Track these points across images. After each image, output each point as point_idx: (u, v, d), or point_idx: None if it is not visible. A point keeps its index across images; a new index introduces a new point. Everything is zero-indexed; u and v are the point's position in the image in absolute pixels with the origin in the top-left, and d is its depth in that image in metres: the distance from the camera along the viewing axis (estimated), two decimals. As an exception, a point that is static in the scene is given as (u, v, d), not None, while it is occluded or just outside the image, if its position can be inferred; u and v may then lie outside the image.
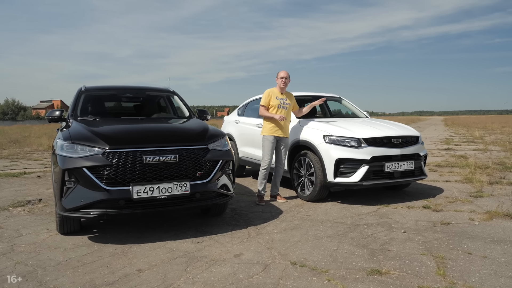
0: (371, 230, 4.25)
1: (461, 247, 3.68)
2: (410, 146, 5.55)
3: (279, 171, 5.74)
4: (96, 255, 3.59)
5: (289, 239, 3.98)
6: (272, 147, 5.56)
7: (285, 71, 5.66)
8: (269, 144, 5.55)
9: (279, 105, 5.58)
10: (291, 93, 5.89)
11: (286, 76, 5.63)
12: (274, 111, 5.57)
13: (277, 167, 5.74)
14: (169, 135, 4.16)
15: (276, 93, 5.66)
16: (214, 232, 4.25)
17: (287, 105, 5.67)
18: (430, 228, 4.27)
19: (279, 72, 5.69)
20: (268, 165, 5.61)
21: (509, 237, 3.96)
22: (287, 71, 5.67)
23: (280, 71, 5.67)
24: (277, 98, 5.61)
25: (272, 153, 5.62)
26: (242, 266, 3.30)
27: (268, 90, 5.69)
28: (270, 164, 5.63)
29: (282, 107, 5.60)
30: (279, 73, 5.69)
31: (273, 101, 5.59)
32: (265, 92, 5.68)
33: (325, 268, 3.23)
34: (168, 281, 3.01)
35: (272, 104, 5.58)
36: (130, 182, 3.71)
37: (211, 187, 4.08)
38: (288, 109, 5.68)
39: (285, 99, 5.67)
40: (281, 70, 5.69)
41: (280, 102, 5.60)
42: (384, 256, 3.48)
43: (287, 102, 5.68)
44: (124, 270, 3.24)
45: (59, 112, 4.84)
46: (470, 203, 5.36)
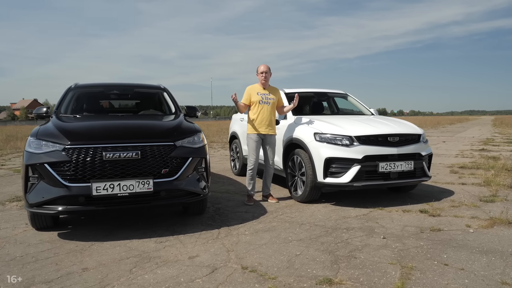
0: (348, 234, 3.93)
1: (439, 257, 3.30)
2: (409, 145, 5.13)
3: (268, 170, 5.50)
4: (53, 251, 3.56)
5: (256, 241, 3.77)
6: (256, 146, 5.33)
7: (265, 65, 5.38)
8: (253, 143, 5.32)
9: (260, 101, 5.32)
10: (276, 88, 5.59)
11: (266, 70, 5.35)
12: (255, 107, 5.33)
13: (265, 166, 5.51)
14: (132, 131, 4.06)
15: (258, 89, 5.40)
16: (184, 231, 4.10)
17: (270, 100, 5.38)
18: (416, 235, 3.89)
19: (259, 66, 5.42)
20: (254, 164, 5.39)
21: (502, 247, 3.52)
22: (267, 65, 5.39)
23: (260, 66, 5.41)
24: (258, 94, 5.35)
25: (257, 152, 5.38)
26: (190, 268, 3.13)
27: (249, 86, 5.45)
28: (256, 164, 5.40)
29: (265, 102, 5.34)
30: (258, 68, 5.42)
31: (253, 97, 5.34)
32: (246, 88, 5.44)
33: (275, 274, 2.99)
34: (105, 282, 2.90)
35: (253, 101, 5.34)
36: (90, 178, 3.65)
37: (178, 185, 3.94)
38: (271, 105, 5.39)
39: (268, 94, 5.39)
40: (261, 64, 5.40)
41: (261, 97, 5.34)
42: (347, 264, 3.18)
43: (270, 97, 5.38)
44: (70, 268, 3.17)
45: (45, 109, 4.89)
46: (476, 208, 4.87)
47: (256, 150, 5.33)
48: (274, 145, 5.46)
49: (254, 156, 5.33)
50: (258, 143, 5.34)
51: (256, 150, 5.33)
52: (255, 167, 5.38)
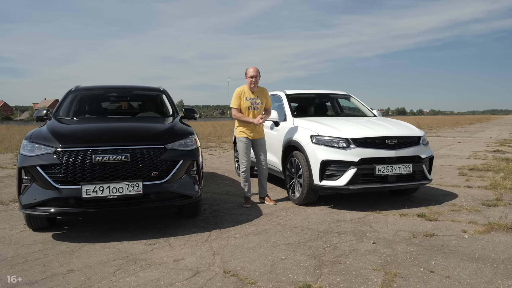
0: (338, 239, 3.89)
1: (427, 264, 3.22)
2: (407, 148, 5.03)
3: (262, 171, 5.48)
4: (44, 252, 3.62)
5: (244, 245, 3.75)
6: (246, 148, 5.33)
7: (254, 68, 5.23)
8: (243, 145, 5.33)
9: (249, 107, 5.26)
10: (264, 88, 5.44)
11: (255, 74, 5.22)
12: (245, 113, 5.27)
13: (258, 168, 5.50)
14: (122, 134, 4.08)
15: (247, 93, 5.28)
16: (175, 234, 4.13)
17: (258, 105, 5.31)
18: (407, 240, 3.82)
19: (247, 69, 5.26)
20: (246, 167, 5.39)
21: (494, 254, 3.42)
22: (256, 68, 5.24)
23: (248, 68, 5.25)
24: (247, 99, 5.26)
25: (247, 154, 5.37)
26: (173, 271, 3.14)
27: (238, 90, 5.30)
28: (248, 166, 5.40)
29: (253, 108, 5.27)
30: (247, 71, 5.25)
31: (243, 103, 5.25)
32: (235, 92, 5.30)
33: (255, 279, 2.98)
34: (87, 284, 2.94)
35: (243, 106, 5.25)
36: (81, 181, 3.70)
37: (168, 187, 3.96)
38: (259, 109, 5.34)
39: (256, 99, 5.30)
40: (250, 67, 5.25)
41: (250, 103, 5.26)
42: (330, 269, 3.14)
43: (258, 102, 5.31)
44: (56, 269, 3.22)
45: (45, 112, 5.00)
46: (476, 213, 4.75)
47: (246, 153, 5.33)
48: (264, 146, 5.44)
49: (246, 158, 5.33)
50: (248, 145, 5.34)
51: (247, 152, 5.33)
52: (248, 169, 5.38)
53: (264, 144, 5.45)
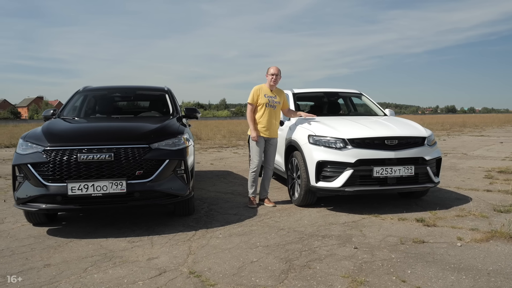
0: (320, 242, 3.77)
1: (402, 273, 3.05)
2: (409, 149, 4.78)
3: (267, 173, 5.41)
4: (32, 247, 3.79)
5: (222, 245, 3.73)
6: (260, 148, 5.25)
7: (276, 67, 5.27)
8: (257, 144, 5.25)
9: (267, 104, 5.22)
10: (281, 90, 5.48)
11: (276, 72, 5.23)
12: (261, 110, 5.23)
13: (265, 168, 5.43)
14: (108, 134, 4.18)
15: (265, 90, 5.29)
16: (161, 232, 4.18)
17: (276, 104, 5.29)
18: (393, 246, 3.63)
19: (269, 68, 5.30)
20: (257, 166, 5.31)
21: (482, 265, 3.17)
22: (277, 67, 5.27)
23: (270, 67, 5.28)
24: (266, 96, 5.24)
25: (260, 153, 5.29)
26: (141, 270, 3.18)
27: (257, 87, 5.33)
28: (259, 166, 5.31)
29: (271, 105, 5.24)
30: (269, 69, 5.29)
31: (261, 99, 5.24)
32: (253, 88, 5.32)
33: (217, 281, 2.95)
34: (55, 279, 3.03)
35: (260, 103, 5.23)
36: (67, 179, 3.84)
37: (153, 186, 4.02)
38: (277, 108, 5.30)
39: (274, 97, 5.29)
40: (271, 66, 5.29)
41: (268, 100, 5.23)
42: (297, 274, 3.05)
43: (276, 101, 5.29)
44: (35, 263, 3.35)
45: (52, 111, 5.24)
46: (482, 219, 4.43)
47: (259, 152, 5.26)
48: (275, 148, 5.38)
49: (258, 158, 5.25)
50: (261, 145, 5.26)
51: (260, 151, 5.26)
52: (258, 168, 5.30)
53: (276, 146, 5.38)
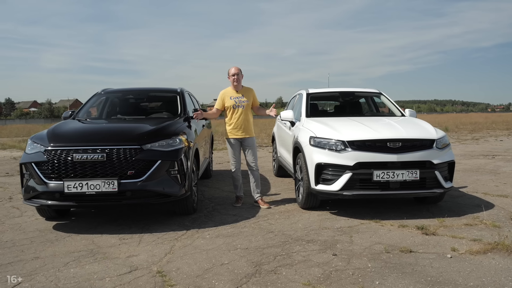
0: (302, 247, 3.67)
1: (370, 283, 2.89)
2: (414, 152, 4.49)
3: (253, 174, 5.43)
4: (32, 239, 4.08)
5: (204, 246, 3.77)
6: (235, 149, 5.36)
7: (236, 67, 5.31)
8: (231, 147, 5.37)
9: (234, 105, 5.28)
10: (250, 88, 5.45)
11: (237, 72, 5.28)
12: (230, 112, 5.31)
13: (249, 170, 5.46)
14: (102, 135, 4.38)
15: (231, 93, 5.34)
16: (154, 230, 4.31)
17: (243, 103, 5.30)
18: (375, 255, 3.45)
19: (229, 69, 5.35)
20: (236, 168, 5.44)
21: (464, 280, 2.93)
22: (237, 67, 5.32)
23: (230, 68, 5.34)
24: (232, 98, 5.30)
25: (237, 155, 5.41)
26: (115, 267, 3.31)
27: (222, 91, 5.42)
28: (238, 167, 5.44)
29: (238, 106, 5.28)
30: (229, 70, 5.34)
31: (227, 102, 5.31)
32: (219, 93, 5.42)
33: (177, 282, 2.99)
34: (36, 272, 3.24)
35: (227, 106, 5.32)
36: (64, 177, 4.08)
37: (144, 186, 4.15)
38: (246, 107, 5.31)
39: (241, 97, 5.31)
40: (231, 67, 5.32)
41: (234, 101, 5.29)
42: (259, 279, 3.01)
43: (243, 100, 5.30)
44: (27, 256, 3.61)
45: (70, 113, 5.59)
46: (492, 229, 4.08)
47: (235, 153, 5.38)
48: (253, 148, 5.41)
49: (234, 159, 5.39)
50: (236, 146, 5.37)
51: (235, 153, 5.38)
52: (237, 170, 5.43)
53: (253, 145, 5.38)
